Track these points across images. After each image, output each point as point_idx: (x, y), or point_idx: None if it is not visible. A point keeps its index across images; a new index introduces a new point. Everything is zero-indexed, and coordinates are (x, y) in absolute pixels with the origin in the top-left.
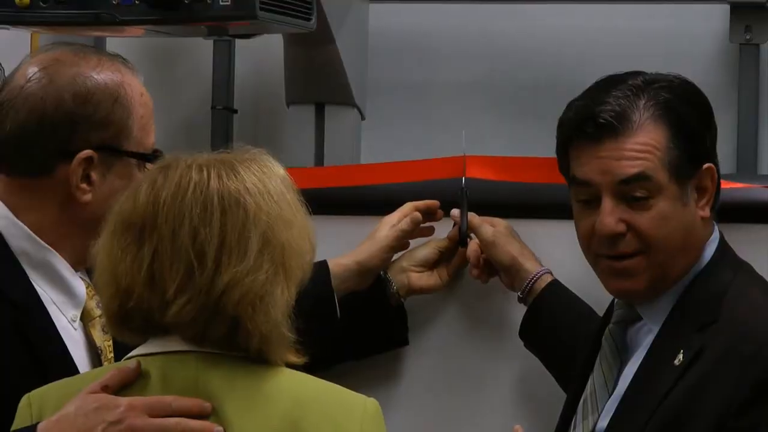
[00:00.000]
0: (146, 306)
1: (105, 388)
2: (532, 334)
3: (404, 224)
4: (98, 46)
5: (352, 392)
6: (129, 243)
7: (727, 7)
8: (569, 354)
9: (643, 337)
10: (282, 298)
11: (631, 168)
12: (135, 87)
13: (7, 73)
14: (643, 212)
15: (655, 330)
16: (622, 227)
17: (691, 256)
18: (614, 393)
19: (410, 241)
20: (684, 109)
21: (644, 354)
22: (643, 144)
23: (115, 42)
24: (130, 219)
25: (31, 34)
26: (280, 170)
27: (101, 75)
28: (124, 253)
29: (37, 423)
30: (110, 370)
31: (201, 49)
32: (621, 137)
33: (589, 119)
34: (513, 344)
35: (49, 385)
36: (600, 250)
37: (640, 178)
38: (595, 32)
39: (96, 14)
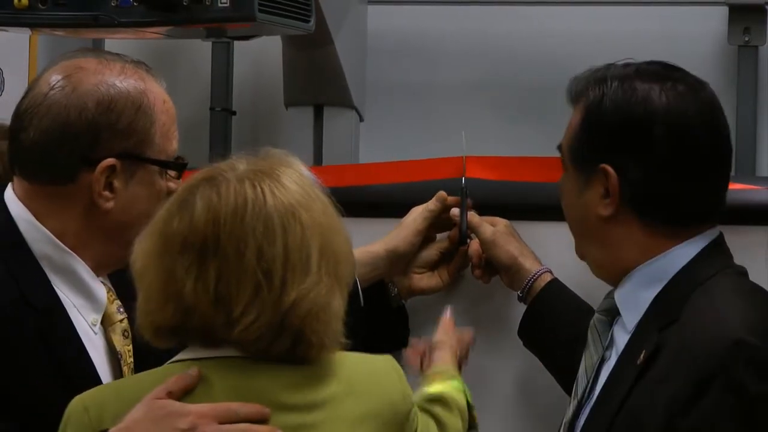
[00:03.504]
0: (210, 324)
1: (169, 394)
2: (531, 332)
3: (432, 205)
4: (96, 48)
5: (383, 357)
6: (191, 263)
7: (725, 9)
8: (568, 353)
9: (622, 334)
10: (339, 307)
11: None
12: (158, 94)
13: (5, 74)
14: (562, 185)
15: (629, 327)
16: (559, 192)
17: (608, 252)
18: (595, 391)
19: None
20: (605, 101)
21: (619, 352)
22: (571, 121)
23: (113, 43)
24: (189, 238)
25: (30, 36)
26: (309, 173)
27: (124, 83)
28: (188, 273)
29: (106, 429)
30: (169, 375)
31: (199, 50)
32: (573, 109)
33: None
34: (514, 344)
35: (99, 389)
36: None
37: (558, 149)
38: (594, 34)
39: (94, 16)
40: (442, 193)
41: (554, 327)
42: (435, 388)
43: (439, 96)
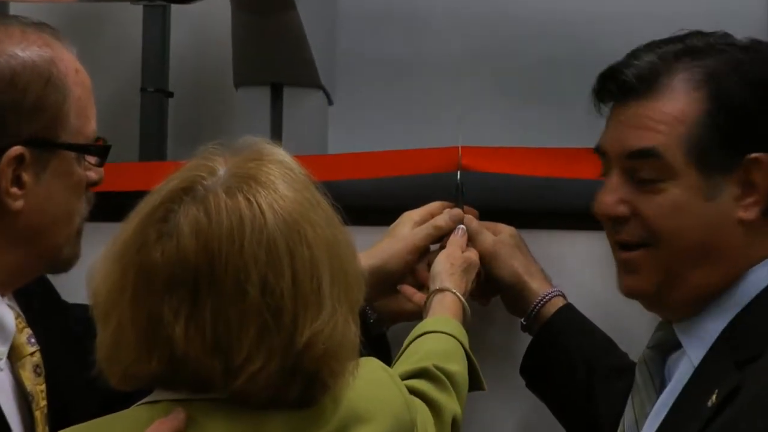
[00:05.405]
0: (205, 374)
1: None
2: (535, 370)
3: (441, 221)
4: None
5: (367, 360)
6: (181, 303)
7: None
8: (581, 397)
9: (682, 369)
10: (355, 337)
11: (639, 140)
12: (69, 63)
13: None
14: (651, 196)
15: (695, 362)
16: (622, 210)
17: (723, 267)
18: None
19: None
20: (732, 79)
21: (680, 390)
22: (665, 113)
23: (20, 7)
24: (176, 273)
25: None
26: (298, 166)
27: (27, 51)
28: (177, 315)
29: None
30: (147, 417)
31: (128, 16)
32: (644, 101)
33: (613, 76)
34: (517, 382)
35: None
36: (609, 236)
37: (648, 154)
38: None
39: None
40: (458, 212)
41: (564, 364)
42: (425, 354)
43: (427, 73)
